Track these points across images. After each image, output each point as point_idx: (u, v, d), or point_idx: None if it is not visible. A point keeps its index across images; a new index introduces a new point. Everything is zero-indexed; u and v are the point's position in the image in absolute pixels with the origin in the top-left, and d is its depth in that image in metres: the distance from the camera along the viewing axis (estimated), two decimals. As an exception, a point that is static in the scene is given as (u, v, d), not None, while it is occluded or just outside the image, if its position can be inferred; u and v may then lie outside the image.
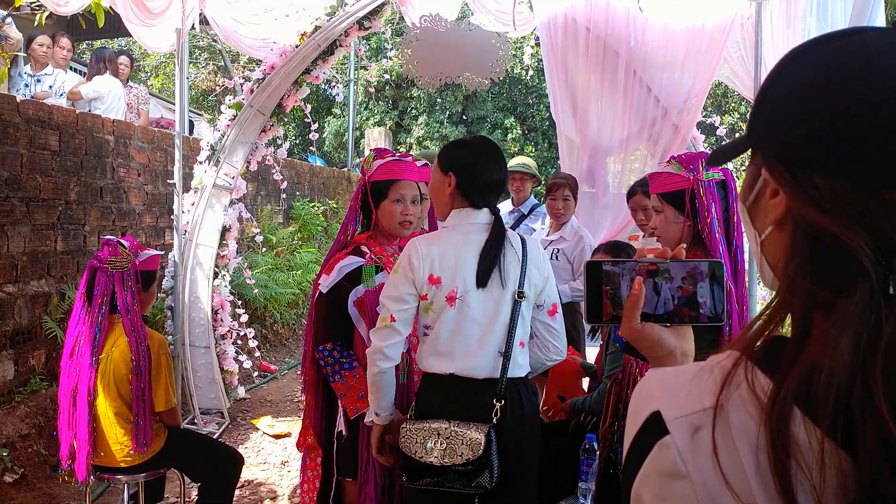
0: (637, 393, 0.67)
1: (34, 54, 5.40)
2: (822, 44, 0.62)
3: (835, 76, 0.58)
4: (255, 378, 5.77)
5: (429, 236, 2.02)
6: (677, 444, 0.58)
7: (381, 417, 2.04)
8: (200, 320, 4.71)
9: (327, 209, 9.33)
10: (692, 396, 0.60)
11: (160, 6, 4.14)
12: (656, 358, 0.91)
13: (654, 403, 0.62)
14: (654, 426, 0.60)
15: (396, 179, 2.29)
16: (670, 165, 2.07)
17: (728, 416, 0.56)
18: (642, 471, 0.61)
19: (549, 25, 4.00)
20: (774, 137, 0.63)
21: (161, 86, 14.81)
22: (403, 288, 1.94)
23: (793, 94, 0.61)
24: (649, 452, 0.60)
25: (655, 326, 0.90)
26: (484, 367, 1.91)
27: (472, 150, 2.03)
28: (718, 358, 0.62)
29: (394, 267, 1.99)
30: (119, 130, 4.84)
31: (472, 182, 1.97)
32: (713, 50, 3.71)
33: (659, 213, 2.10)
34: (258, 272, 6.42)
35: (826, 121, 0.57)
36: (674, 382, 0.63)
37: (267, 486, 3.81)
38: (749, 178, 0.68)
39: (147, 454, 2.61)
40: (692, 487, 0.56)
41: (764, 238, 0.67)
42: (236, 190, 4.73)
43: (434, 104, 15.15)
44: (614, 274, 0.92)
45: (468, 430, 1.84)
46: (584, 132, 4.09)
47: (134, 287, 2.54)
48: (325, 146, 15.66)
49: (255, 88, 4.52)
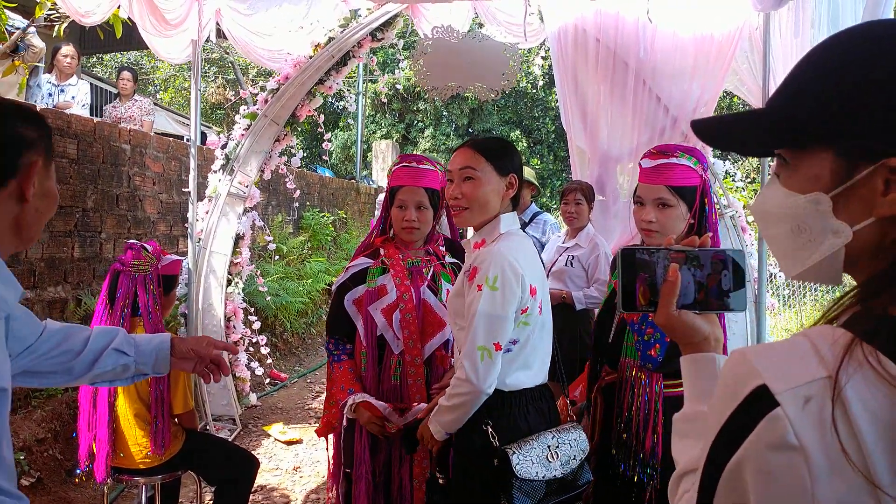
0: (730, 371, 0.66)
1: (59, 64, 5.49)
2: (883, 25, 0.63)
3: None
4: (266, 385, 5.80)
5: (506, 245, 1.84)
6: (789, 415, 0.58)
7: (441, 434, 1.91)
8: (213, 327, 4.75)
9: (336, 219, 9.39)
10: (799, 368, 0.60)
11: (178, 18, 4.22)
12: (692, 344, 0.93)
13: (758, 378, 0.61)
14: (760, 400, 0.60)
15: (400, 185, 2.30)
16: (685, 158, 1.93)
17: (844, 391, 0.57)
18: (745, 446, 0.61)
19: (560, 36, 4.05)
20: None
21: (171, 99, 14.96)
22: (511, 306, 1.77)
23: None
24: (755, 427, 0.60)
25: (689, 313, 0.91)
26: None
27: (517, 151, 1.99)
28: (814, 332, 0.63)
29: (481, 286, 1.77)
30: (135, 140, 4.91)
31: (521, 186, 1.94)
32: (722, 59, 3.74)
33: (667, 208, 1.93)
34: (269, 280, 6.47)
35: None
36: (775, 356, 0.63)
37: (279, 491, 3.83)
38: (831, 168, 0.68)
39: (165, 456, 2.64)
40: (803, 459, 0.57)
41: (859, 229, 0.66)
42: (250, 198, 4.79)
43: (440, 117, 15.25)
44: (649, 262, 0.93)
45: (568, 433, 1.85)
46: (593, 142, 4.13)
47: (156, 291, 2.58)
48: (333, 158, 15.78)
49: (270, 98, 4.60)
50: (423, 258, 2.39)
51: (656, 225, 1.93)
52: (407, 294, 2.28)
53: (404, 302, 2.27)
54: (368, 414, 2.19)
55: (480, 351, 1.75)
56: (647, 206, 1.95)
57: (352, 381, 2.31)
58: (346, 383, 2.31)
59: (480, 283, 1.76)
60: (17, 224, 1.16)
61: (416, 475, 2.31)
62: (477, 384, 1.75)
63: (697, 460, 0.72)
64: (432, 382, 2.30)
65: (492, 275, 1.75)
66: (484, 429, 1.81)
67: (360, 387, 2.30)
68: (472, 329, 1.76)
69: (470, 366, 1.75)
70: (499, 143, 1.97)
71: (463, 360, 1.78)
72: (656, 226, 1.93)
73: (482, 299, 1.75)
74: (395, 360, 2.29)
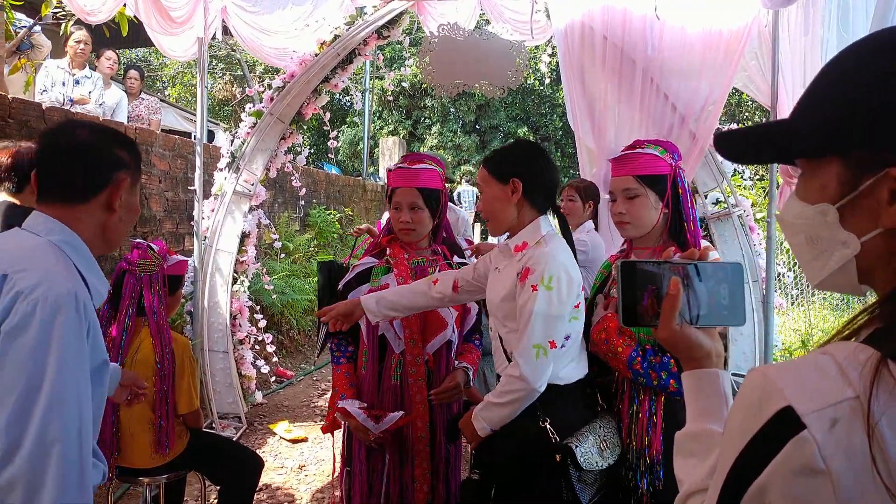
0: (751, 391, 0.64)
1: (71, 51, 5.27)
2: (891, 33, 0.62)
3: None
4: (271, 383, 5.81)
5: (555, 247, 1.86)
6: (816, 438, 0.56)
7: (485, 430, 1.89)
8: (219, 325, 4.75)
9: (343, 217, 9.39)
10: (824, 388, 0.58)
11: (183, 16, 4.22)
12: (694, 360, 0.90)
13: (781, 399, 0.59)
14: (785, 422, 0.58)
15: (396, 187, 2.32)
16: (653, 148, 1.92)
17: (875, 413, 0.55)
18: (770, 470, 0.59)
19: (566, 34, 4.02)
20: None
21: (178, 95, 14.99)
22: (566, 305, 1.80)
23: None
24: (780, 450, 0.58)
25: (691, 328, 0.89)
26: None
27: (526, 152, 1.97)
28: (837, 350, 0.61)
29: (536, 286, 1.78)
30: (141, 138, 4.92)
31: (537, 185, 1.91)
32: (731, 57, 3.71)
33: (634, 198, 1.91)
34: (275, 278, 6.48)
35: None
36: (798, 376, 0.61)
37: (284, 490, 3.83)
38: (838, 178, 0.67)
39: (169, 456, 2.64)
40: (830, 483, 0.55)
41: (866, 240, 0.65)
42: (256, 196, 4.79)
43: (447, 114, 15.23)
44: (650, 275, 0.90)
45: (609, 422, 1.88)
46: (601, 140, 4.10)
47: (161, 290, 2.57)
48: (340, 155, 15.80)
49: (275, 97, 4.59)
50: (429, 258, 2.39)
51: (627, 216, 1.93)
52: None
53: None
54: (355, 422, 2.21)
55: (536, 349, 1.76)
56: (618, 199, 1.96)
57: (345, 387, 2.33)
58: (340, 388, 2.33)
59: (535, 283, 1.77)
60: (104, 229, 1.44)
61: (417, 476, 2.31)
62: (531, 382, 1.76)
63: (704, 481, 0.71)
64: (434, 383, 2.30)
65: (547, 275, 1.77)
66: (541, 425, 1.82)
67: (352, 392, 2.32)
68: (528, 328, 1.77)
69: (524, 363, 1.76)
70: (501, 150, 1.99)
71: (517, 358, 1.78)
72: (627, 217, 1.93)
73: (538, 299, 1.76)
74: (396, 359, 2.30)
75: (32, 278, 1.25)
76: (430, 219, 2.32)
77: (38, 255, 1.32)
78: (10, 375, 1.20)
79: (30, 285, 1.24)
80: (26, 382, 1.20)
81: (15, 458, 1.16)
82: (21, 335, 1.21)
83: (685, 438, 0.90)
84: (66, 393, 1.22)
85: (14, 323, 1.22)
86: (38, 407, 1.19)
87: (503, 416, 1.83)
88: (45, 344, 1.22)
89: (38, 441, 1.18)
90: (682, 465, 0.88)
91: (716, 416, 0.87)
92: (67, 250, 1.37)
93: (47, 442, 1.18)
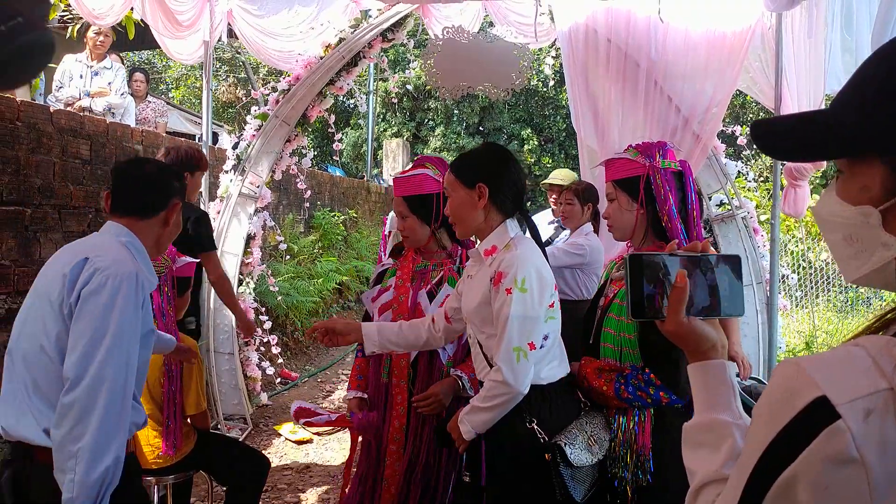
0: (783, 381, 0.64)
1: (90, 43, 5.19)
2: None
3: None
4: (276, 385, 5.83)
5: (525, 248, 1.88)
6: (852, 428, 0.56)
7: (470, 434, 1.90)
8: (225, 327, 4.77)
9: (347, 219, 9.42)
10: (858, 379, 0.59)
11: (189, 19, 4.25)
12: (700, 352, 0.91)
13: (815, 389, 0.60)
14: (819, 411, 0.59)
15: (395, 196, 2.42)
16: (627, 152, 1.96)
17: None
18: (801, 459, 0.59)
19: (570, 36, 4.03)
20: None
21: (182, 97, 15.04)
22: (541, 306, 1.81)
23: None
24: (812, 439, 0.58)
25: (697, 320, 0.89)
26: None
27: (493, 157, 1.98)
28: (869, 342, 0.62)
29: (510, 289, 1.79)
30: (147, 140, 4.94)
31: (504, 189, 1.92)
32: (734, 59, 3.72)
33: (611, 202, 1.96)
34: (280, 280, 6.50)
35: None
36: (832, 367, 0.61)
37: (290, 490, 3.85)
38: (882, 181, 0.67)
39: (176, 456, 2.65)
40: (864, 473, 0.56)
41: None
42: (261, 199, 4.81)
43: (451, 115, 15.23)
44: (661, 266, 0.90)
45: (594, 417, 1.88)
46: (604, 142, 4.11)
47: (169, 292, 2.59)
48: (343, 157, 15.81)
49: (280, 99, 4.61)
50: (437, 261, 2.41)
51: (610, 220, 1.98)
52: (403, 296, 2.34)
53: (399, 304, 2.34)
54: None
55: (516, 352, 1.77)
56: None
57: (353, 378, 2.54)
58: (351, 380, 2.56)
59: (509, 286, 1.78)
60: (158, 239, 1.90)
61: (387, 476, 2.35)
62: (514, 385, 1.77)
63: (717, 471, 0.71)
64: (417, 386, 2.33)
65: (520, 277, 1.78)
66: (529, 427, 1.83)
67: (356, 384, 2.51)
68: (505, 332, 1.78)
69: (507, 368, 1.77)
70: (468, 155, 2.02)
71: (499, 363, 1.79)
72: (610, 220, 1.98)
73: (513, 302, 1.77)
74: (385, 358, 2.36)
75: (107, 260, 1.69)
76: (420, 225, 2.34)
77: (112, 247, 1.76)
78: (83, 326, 1.62)
79: (105, 265, 1.68)
80: (93, 333, 1.61)
81: (78, 386, 1.58)
82: (95, 298, 1.64)
83: (694, 429, 0.90)
84: (120, 347, 1.63)
85: (91, 289, 1.64)
86: (99, 352, 1.60)
87: (487, 420, 1.84)
88: (110, 307, 1.64)
89: (95, 377, 1.59)
90: (692, 457, 0.88)
91: (724, 407, 0.87)
92: (131, 248, 1.79)
93: (101, 379, 1.59)
